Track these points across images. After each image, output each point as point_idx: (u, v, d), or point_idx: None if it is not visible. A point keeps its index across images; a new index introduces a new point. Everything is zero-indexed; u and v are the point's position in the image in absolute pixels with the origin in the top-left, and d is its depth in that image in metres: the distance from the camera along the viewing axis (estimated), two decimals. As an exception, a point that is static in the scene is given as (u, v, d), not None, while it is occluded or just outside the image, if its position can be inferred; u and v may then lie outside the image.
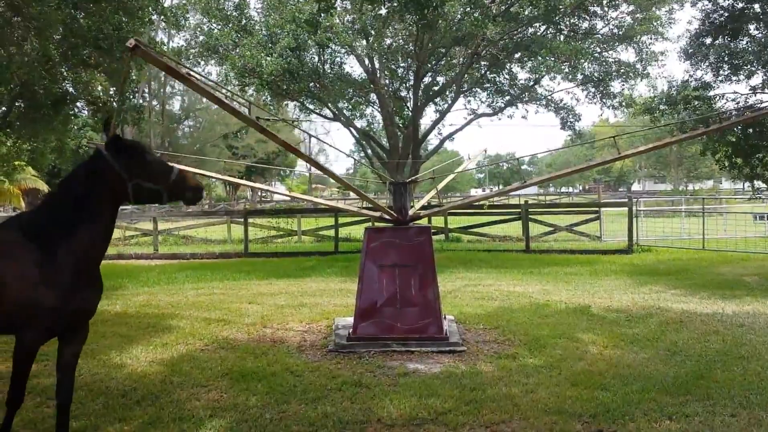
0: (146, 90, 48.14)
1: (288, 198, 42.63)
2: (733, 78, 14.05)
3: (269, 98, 20.55)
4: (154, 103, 51.13)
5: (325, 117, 22.67)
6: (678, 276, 12.48)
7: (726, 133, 13.38)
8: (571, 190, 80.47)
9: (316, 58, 19.26)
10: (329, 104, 20.51)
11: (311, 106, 22.18)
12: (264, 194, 58.65)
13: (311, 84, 19.01)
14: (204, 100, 53.45)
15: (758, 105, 13.81)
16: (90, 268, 4.10)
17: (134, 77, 15.76)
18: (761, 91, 14.25)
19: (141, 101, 42.32)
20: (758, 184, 15.98)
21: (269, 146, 60.95)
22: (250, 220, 20.15)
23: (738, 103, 14.00)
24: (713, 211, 25.48)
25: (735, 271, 13.04)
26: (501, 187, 78.86)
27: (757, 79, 13.93)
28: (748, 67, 13.46)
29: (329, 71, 19.47)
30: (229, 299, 10.53)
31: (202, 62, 20.10)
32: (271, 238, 21.85)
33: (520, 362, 6.42)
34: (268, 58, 16.69)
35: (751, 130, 13.41)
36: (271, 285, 12.21)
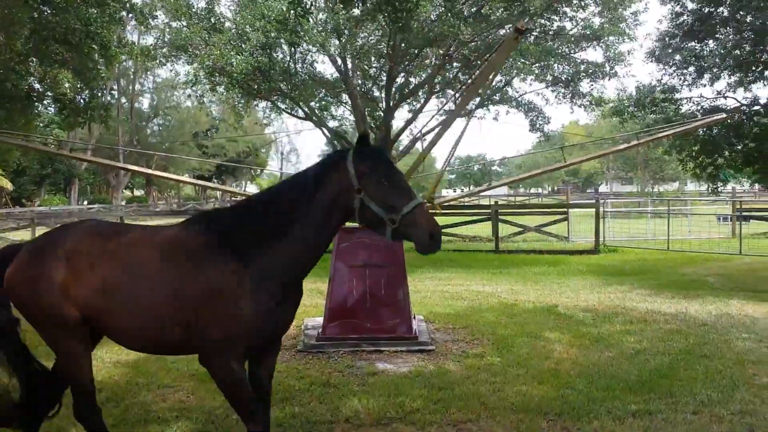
0: (115, 87, 47.36)
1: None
2: (699, 82, 14.36)
3: (240, 98, 20.38)
4: (123, 100, 50.32)
5: (297, 116, 22.55)
6: (643, 276, 12.71)
7: (689, 132, 13.67)
8: (540, 191, 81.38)
9: (288, 57, 19.16)
10: (301, 104, 20.41)
11: (282, 106, 22.05)
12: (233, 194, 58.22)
13: (282, 83, 18.88)
14: (174, 98, 52.98)
15: (723, 107, 14.15)
16: (296, 282, 3.60)
17: (103, 74, 15.51)
18: (726, 95, 14.61)
19: (109, 99, 41.75)
20: (720, 185, 16.37)
21: (240, 145, 60.48)
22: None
23: (702, 106, 14.31)
24: (678, 213, 26.00)
25: (698, 272, 13.33)
26: (472, 188, 79.39)
27: (721, 84, 14.30)
28: (715, 70, 13.76)
29: (301, 70, 19.38)
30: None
31: (171, 61, 19.83)
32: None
33: (488, 361, 6.48)
34: (239, 57, 16.55)
35: (715, 130, 13.72)
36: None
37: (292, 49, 18.60)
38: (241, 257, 3.39)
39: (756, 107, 13.72)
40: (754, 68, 13.62)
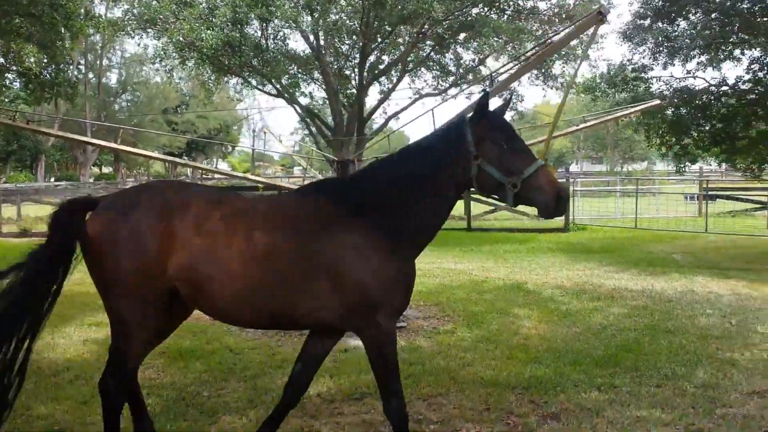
0: (81, 62, 46.19)
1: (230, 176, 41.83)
2: (669, 62, 14.51)
3: (210, 73, 20.05)
4: (90, 75, 49.11)
5: (268, 93, 22.29)
6: (611, 254, 12.94)
7: (664, 109, 13.84)
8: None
9: (259, 33, 18.87)
10: (272, 80, 20.17)
11: (254, 82, 21.77)
12: (205, 171, 57.47)
13: (254, 59, 18.61)
14: (143, 73, 51.85)
15: (692, 86, 14.34)
16: (418, 252, 3.59)
17: (69, 48, 15.11)
18: (695, 75, 14.78)
19: (76, 74, 40.72)
20: (686, 164, 16.64)
21: (211, 122, 59.61)
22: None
23: (672, 86, 14.47)
24: (647, 192, 26.43)
25: (665, 249, 13.61)
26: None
27: (692, 64, 14.42)
28: (685, 50, 13.90)
29: (272, 46, 19.12)
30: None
31: (140, 35, 19.37)
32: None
33: (459, 337, 6.57)
34: (209, 32, 16.26)
35: (684, 110, 13.90)
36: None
37: (264, 24, 18.33)
38: (378, 224, 3.38)
39: (724, 87, 13.92)
40: (723, 48, 13.80)
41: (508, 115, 3.75)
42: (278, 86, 20.59)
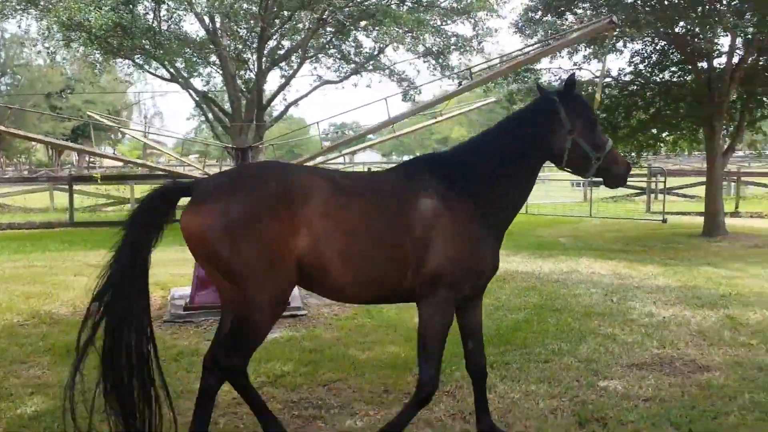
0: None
1: (120, 163, 39.95)
2: (559, 54, 15.20)
3: (98, 55, 18.96)
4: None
5: (161, 77, 21.39)
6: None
7: None
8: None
9: (151, 14, 18.05)
10: (165, 64, 19.37)
11: (146, 66, 20.83)
12: (93, 159, 54.42)
13: (145, 41, 17.78)
14: (24, 55, 48.20)
15: (579, 78, 15.12)
16: (506, 226, 3.77)
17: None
18: (581, 67, 15.58)
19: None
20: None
21: (99, 107, 56.40)
22: (77, 187, 18.90)
23: (560, 77, 15.18)
24: (537, 179, 27.63)
25: (553, 233, 14.36)
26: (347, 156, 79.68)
27: (579, 56, 15.13)
28: (550, 38, 14.59)
29: (165, 29, 18.34)
30: (52, 272, 9.77)
31: (21, 15, 17.99)
32: (101, 207, 20.51)
33: (359, 323, 6.65)
34: (98, 12, 15.37)
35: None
36: (100, 256, 11.36)
37: (156, 5, 17.56)
38: (472, 201, 3.55)
39: (607, 79, 14.79)
40: (606, 41, 14.64)
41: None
42: (172, 70, 19.81)
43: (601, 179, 3.87)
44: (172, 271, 9.60)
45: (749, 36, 12.40)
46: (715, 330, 6.31)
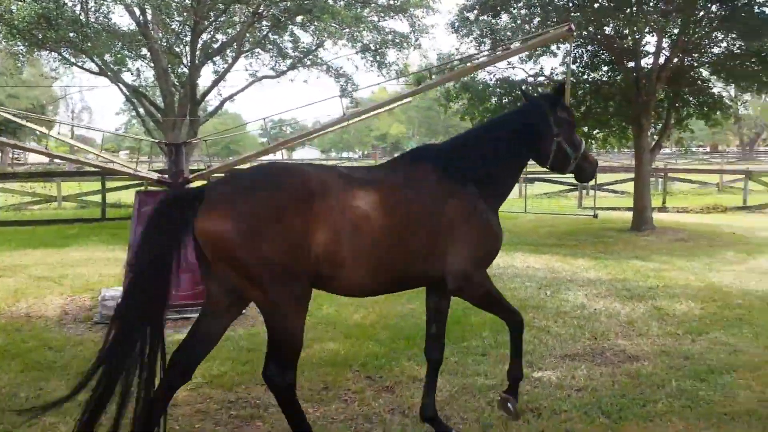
0: None
1: (46, 160, 38.28)
2: (493, 53, 15.45)
3: (21, 47, 18.07)
4: None
5: (89, 71, 20.58)
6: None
7: (484, 99, 14.74)
8: (351, 155, 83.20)
9: (78, 6, 17.33)
10: (93, 57, 18.63)
11: (72, 59, 19.98)
12: (17, 155, 51.95)
13: (72, 34, 17.04)
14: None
15: (512, 77, 15.46)
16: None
17: None
18: (515, 66, 15.92)
19: None
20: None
21: (21, 102, 53.80)
22: (0, 185, 17.89)
23: (495, 75, 15.46)
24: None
25: (490, 229, 14.58)
26: (285, 152, 78.88)
27: (513, 57, 15.44)
28: (507, 43, 14.88)
29: (93, 20, 17.64)
30: (-27, 273, 9.27)
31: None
32: (25, 205, 19.62)
33: (298, 321, 6.57)
34: (21, 3, 14.65)
35: (506, 100, 14.91)
36: (26, 255, 10.95)
37: (83, -5, 16.89)
38: (479, 189, 3.83)
39: (540, 78, 15.15)
40: (569, 47, 15.04)
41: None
42: (100, 63, 19.09)
43: (569, 175, 4.32)
44: (102, 271, 9.29)
45: (674, 37, 12.94)
46: (643, 321, 6.57)
